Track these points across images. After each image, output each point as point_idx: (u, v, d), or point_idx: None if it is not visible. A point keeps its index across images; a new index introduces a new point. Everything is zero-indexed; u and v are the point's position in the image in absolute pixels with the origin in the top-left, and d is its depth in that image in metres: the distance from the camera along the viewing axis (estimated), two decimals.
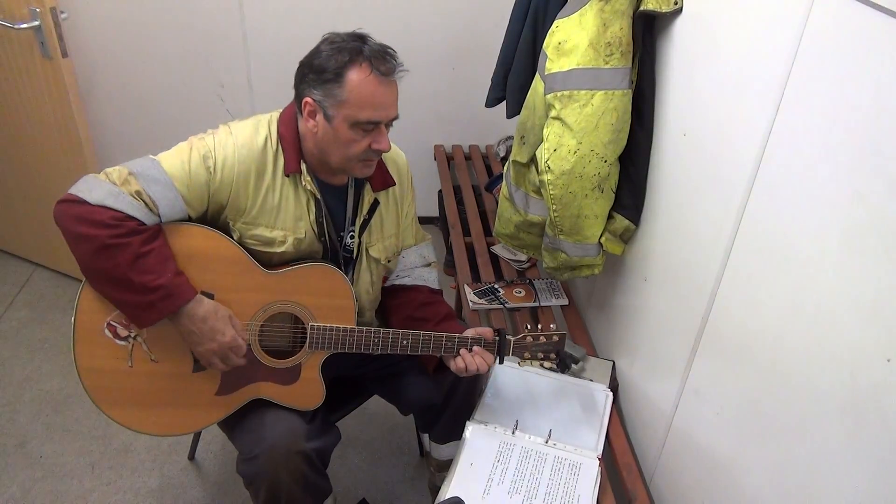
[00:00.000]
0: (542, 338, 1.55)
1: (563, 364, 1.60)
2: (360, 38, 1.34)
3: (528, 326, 1.57)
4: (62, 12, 2.20)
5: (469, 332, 1.51)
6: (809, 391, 1.06)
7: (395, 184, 1.52)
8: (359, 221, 1.50)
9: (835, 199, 0.99)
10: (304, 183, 1.40)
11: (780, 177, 1.12)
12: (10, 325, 2.52)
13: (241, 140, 1.37)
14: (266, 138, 1.39)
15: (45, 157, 2.48)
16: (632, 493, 1.51)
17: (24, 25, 2.15)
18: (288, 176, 1.40)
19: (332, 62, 1.31)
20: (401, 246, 1.62)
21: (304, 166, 1.40)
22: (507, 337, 1.53)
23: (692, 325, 1.41)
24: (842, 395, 0.99)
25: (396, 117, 1.38)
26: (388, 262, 1.59)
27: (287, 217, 1.41)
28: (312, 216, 1.43)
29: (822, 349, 1.03)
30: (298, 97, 1.37)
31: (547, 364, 1.56)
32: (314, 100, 1.33)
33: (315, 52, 1.35)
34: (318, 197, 1.43)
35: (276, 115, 1.43)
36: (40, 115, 2.38)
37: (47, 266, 2.79)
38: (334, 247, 1.47)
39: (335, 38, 1.35)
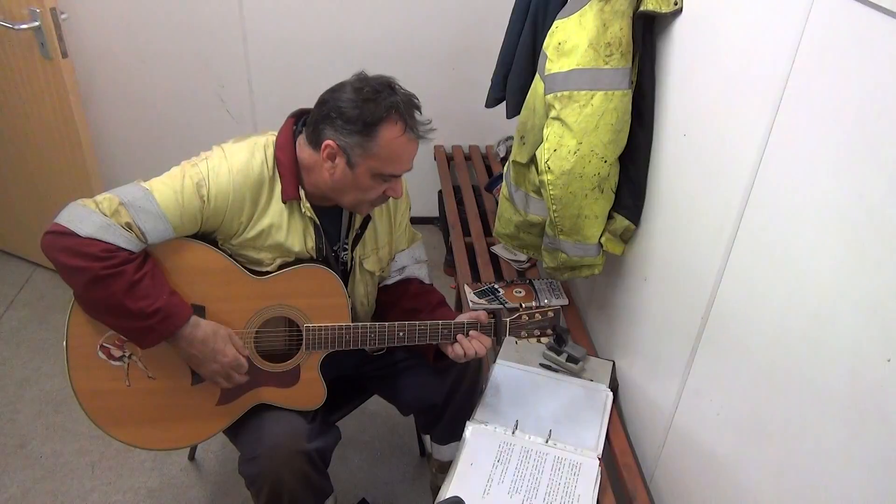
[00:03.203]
0: (536, 314, 1.55)
1: (560, 339, 1.62)
2: (390, 88, 1.32)
3: (522, 305, 1.59)
4: (62, 13, 2.20)
5: (463, 317, 1.50)
6: (809, 391, 1.06)
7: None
8: (352, 235, 1.50)
9: (835, 199, 0.99)
10: (303, 210, 1.39)
11: (780, 177, 1.12)
12: (10, 325, 2.52)
13: (237, 166, 1.34)
14: (262, 163, 1.36)
15: (45, 158, 2.49)
16: (632, 492, 1.51)
17: (24, 26, 2.15)
18: (284, 202, 1.38)
19: (366, 114, 1.28)
20: (394, 252, 1.62)
21: (302, 193, 1.38)
22: (503, 319, 1.53)
23: (692, 325, 1.41)
24: (842, 395, 0.99)
25: (411, 168, 1.39)
26: (382, 271, 1.60)
27: (277, 241, 1.39)
28: (312, 242, 1.42)
29: (822, 349, 1.03)
30: (317, 136, 1.34)
31: (544, 340, 1.58)
32: (339, 145, 1.31)
33: (341, 95, 1.31)
34: (317, 223, 1.42)
35: (271, 138, 1.40)
36: (40, 115, 2.38)
37: (47, 266, 2.79)
38: (330, 265, 1.46)
39: (363, 84, 1.31)
